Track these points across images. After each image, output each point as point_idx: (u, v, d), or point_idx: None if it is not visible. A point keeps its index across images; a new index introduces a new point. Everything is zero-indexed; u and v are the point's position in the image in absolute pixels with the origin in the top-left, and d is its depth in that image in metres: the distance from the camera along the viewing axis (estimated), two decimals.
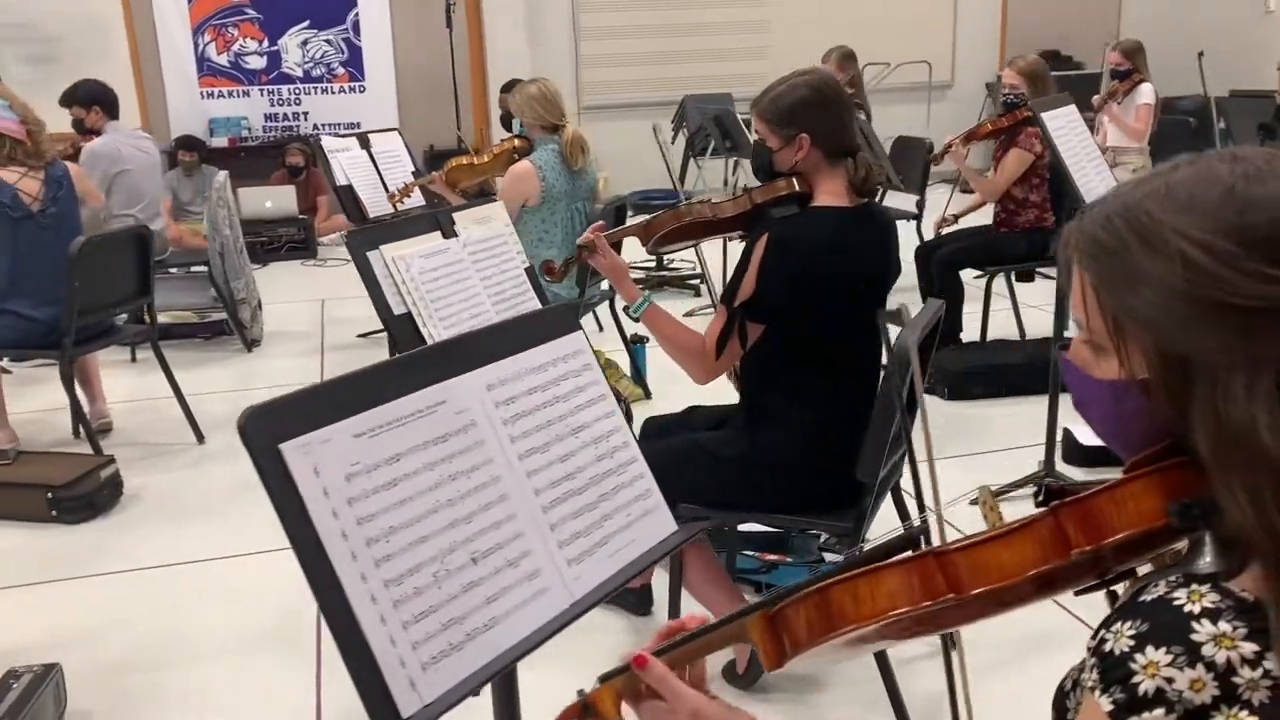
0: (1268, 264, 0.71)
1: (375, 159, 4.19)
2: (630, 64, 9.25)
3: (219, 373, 4.80)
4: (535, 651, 1.07)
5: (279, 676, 2.46)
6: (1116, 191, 0.81)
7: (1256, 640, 0.70)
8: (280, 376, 4.61)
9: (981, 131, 4.12)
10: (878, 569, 0.85)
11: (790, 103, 2.09)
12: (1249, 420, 0.70)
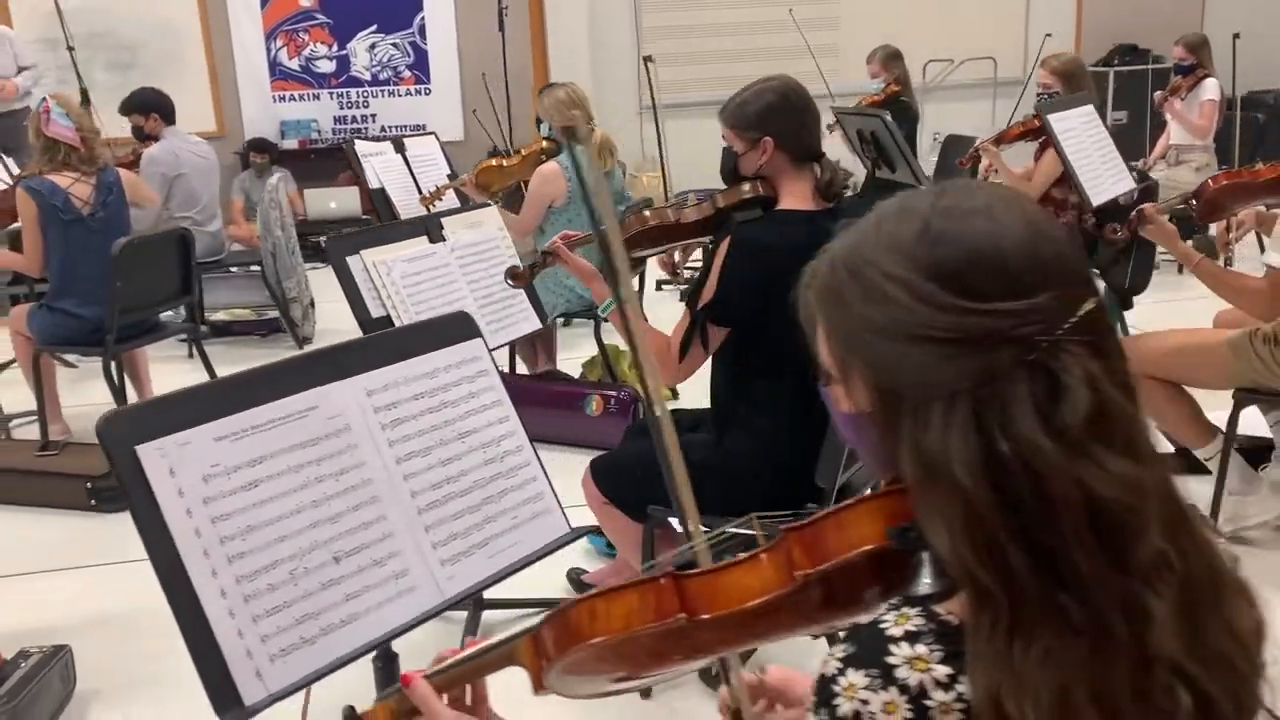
0: (959, 296, 0.71)
1: (410, 163, 4.30)
2: (692, 63, 9.26)
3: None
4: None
5: None
6: (850, 229, 0.83)
7: (951, 664, 0.71)
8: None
9: (1011, 133, 4.05)
10: (619, 588, 0.87)
11: (755, 108, 2.10)
12: (943, 451, 0.71)
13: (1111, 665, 0.68)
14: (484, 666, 0.94)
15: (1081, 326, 0.72)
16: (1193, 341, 2.89)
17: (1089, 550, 0.68)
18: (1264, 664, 0.80)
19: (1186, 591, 0.72)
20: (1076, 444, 0.69)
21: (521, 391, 3.93)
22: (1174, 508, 0.74)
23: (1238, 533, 2.91)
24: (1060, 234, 0.76)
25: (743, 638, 0.88)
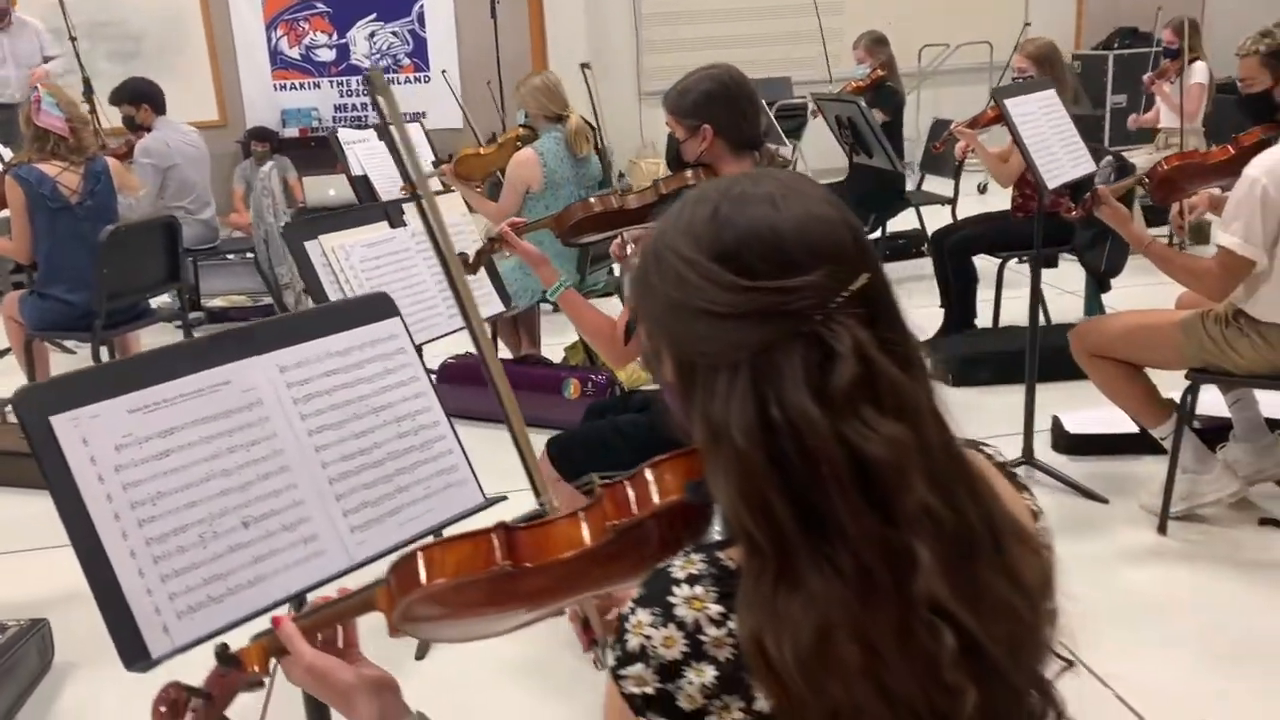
0: (738, 275, 0.78)
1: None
2: (692, 49, 9.27)
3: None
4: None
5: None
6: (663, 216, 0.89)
7: (724, 603, 0.77)
8: None
9: (984, 118, 4.09)
10: (455, 538, 0.94)
11: (695, 96, 2.16)
12: (724, 416, 0.77)
13: (874, 608, 0.74)
14: (347, 611, 1.02)
15: (854, 301, 0.78)
16: (1146, 322, 2.93)
17: (854, 504, 0.75)
18: (1052, 610, 0.87)
19: (958, 542, 0.78)
20: (844, 407, 0.75)
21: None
22: (949, 464, 0.80)
23: (1192, 510, 2.96)
24: (840, 218, 0.82)
25: (572, 585, 0.95)
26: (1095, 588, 2.69)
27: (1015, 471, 0.97)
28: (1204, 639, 2.44)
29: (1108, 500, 3.13)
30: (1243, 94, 2.72)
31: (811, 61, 8.75)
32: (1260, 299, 2.68)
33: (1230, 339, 2.74)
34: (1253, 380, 2.80)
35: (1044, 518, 0.96)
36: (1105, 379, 2.98)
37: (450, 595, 0.93)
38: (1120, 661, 2.37)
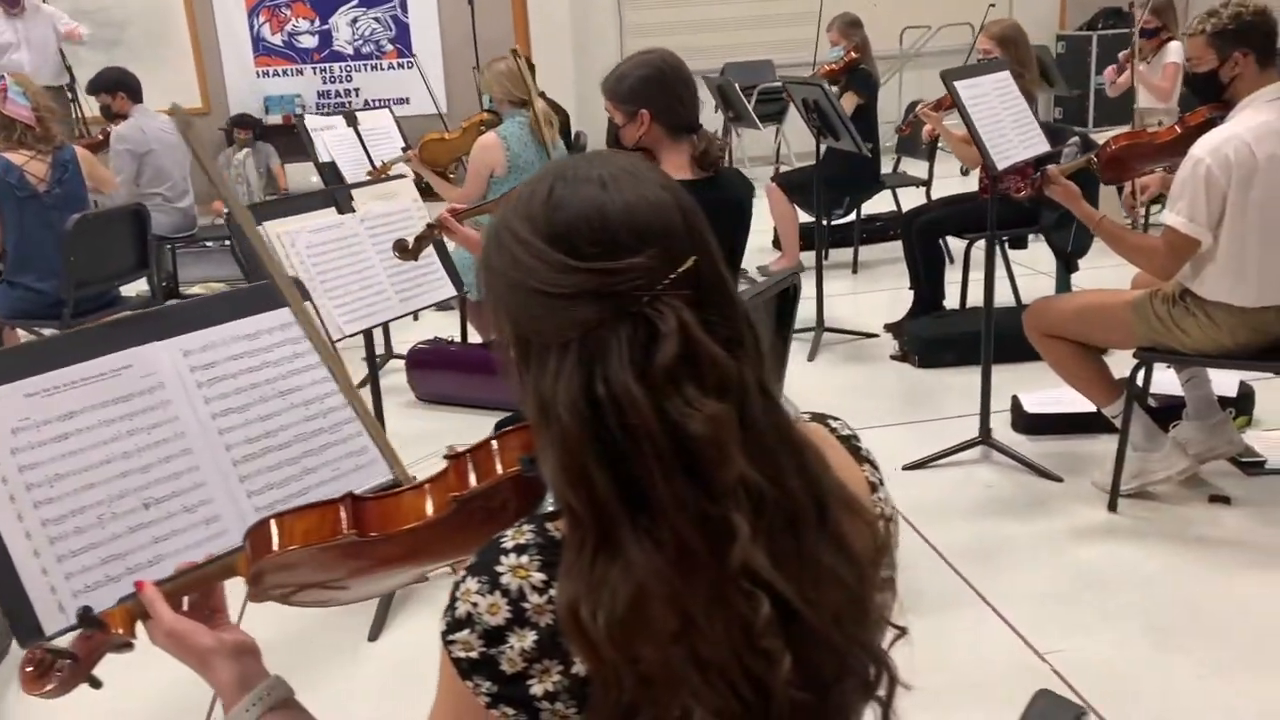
0: (567, 255, 0.80)
1: (363, 136, 4.38)
2: (676, 32, 9.26)
3: None
4: None
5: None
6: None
7: (547, 571, 0.80)
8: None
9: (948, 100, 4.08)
10: (306, 506, 0.97)
11: (631, 82, 2.18)
12: (552, 393, 0.80)
13: (691, 578, 0.77)
14: (208, 576, 1.05)
15: (681, 282, 0.80)
16: (1096, 302, 2.96)
17: (673, 479, 0.77)
18: (882, 579, 0.90)
19: (780, 513, 0.80)
20: (666, 385, 0.78)
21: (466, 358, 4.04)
22: (774, 439, 0.82)
23: (1144, 488, 2.99)
24: (673, 201, 0.84)
25: (421, 553, 0.98)
26: (1043, 565, 2.72)
27: (859, 445, 0.99)
28: (1146, 615, 2.47)
29: (1062, 479, 3.16)
30: (1190, 73, 2.73)
31: (795, 44, 8.73)
32: (1206, 278, 2.70)
33: (1178, 318, 2.76)
34: (1201, 359, 2.83)
35: (884, 489, 0.98)
36: (1057, 358, 3.00)
37: (300, 561, 0.96)
38: (1061, 638, 2.41)
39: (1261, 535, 2.80)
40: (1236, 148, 2.54)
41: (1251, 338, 2.71)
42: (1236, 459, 3.15)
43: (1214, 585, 2.58)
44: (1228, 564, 2.67)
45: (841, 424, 1.00)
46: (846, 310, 5.08)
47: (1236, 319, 2.69)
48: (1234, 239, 2.61)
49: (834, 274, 5.83)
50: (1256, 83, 2.63)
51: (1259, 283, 2.64)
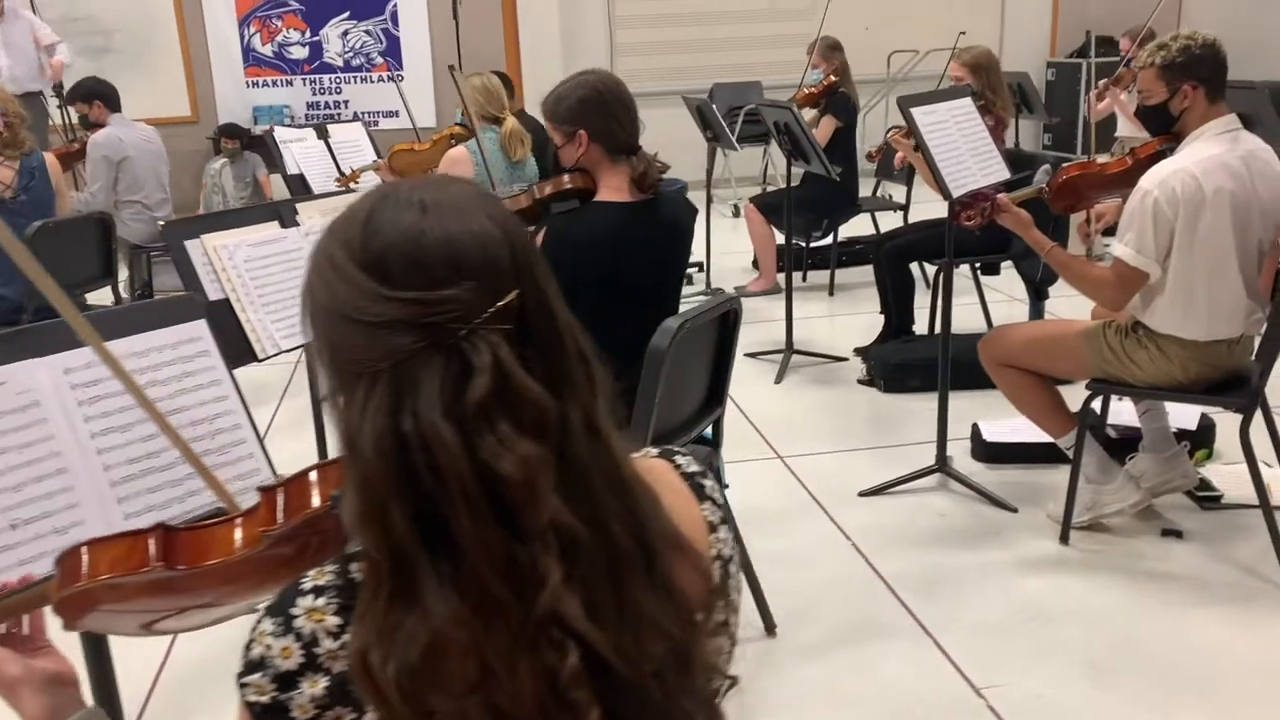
0: (381, 283, 0.77)
1: (333, 149, 4.37)
2: (666, 52, 9.29)
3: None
4: None
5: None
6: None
7: (343, 615, 0.78)
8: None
9: None
10: (114, 536, 0.95)
11: (569, 103, 2.17)
12: (359, 426, 0.76)
13: (493, 623, 0.74)
14: (22, 603, 1.02)
15: (501, 317, 0.77)
16: (1049, 332, 2.94)
17: (480, 521, 0.74)
18: (716, 624, 0.87)
19: (598, 558, 0.78)
20: (479, 423, 0.75)
21: None
22: (598, 481, 0.80)
23: (1097, 520, 2.97)
24: (499, 233, 0.80)
25: (237, 586, 0.96)
26: (988, 597, 2.70)
27: (703, 482, 0.96)
28: (1086, 650, 2.44)
29: (1017, 509, 3.13)
30: (1141, 106, 2.72)
31: (785, 66, 8.74)
32: (1156, 310, 2.69)
33: (1129, 350, 2.74)
34: (1152, 392, 2.81)
35: (726, 528, 0.95)
36: (1011, 388, 2.99)
37: (109, 591, 0.93)
38: (998, 672, 2.39)
39: (1211, 571, 2.77)
40: (1184, 181, 2.53)
41: (1203, 371, 2.70)
42: (1193, 493, 3.13)
43: (1158, 622, 2.55)
44: (1174, 600, 2.64)
45: (689, 460, 0.97)
46: (822, 332, 5.07)
47: (1188, 352, 2.67)
48: (1182, 272, 2.60)
49: (812, 296, 5.83)
50: (1206, 115, 2.62)
51: (1208, 316, 2.63)
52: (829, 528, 3.11)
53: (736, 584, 0.94)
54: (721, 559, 0.92)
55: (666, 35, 9.24)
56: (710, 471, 0.97)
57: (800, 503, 3.29)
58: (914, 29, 8.95)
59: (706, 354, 2.35)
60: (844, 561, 2.91)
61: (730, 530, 0.95)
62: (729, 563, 0.93)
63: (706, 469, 0.97)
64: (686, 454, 0.98)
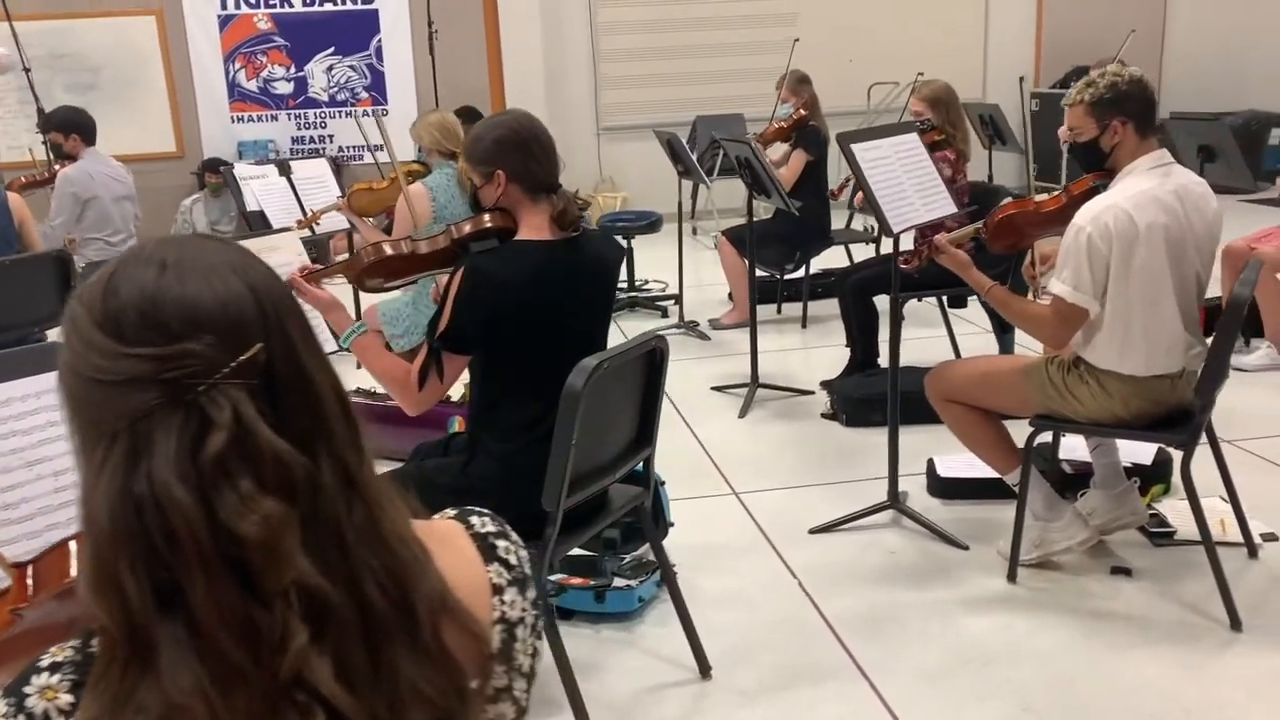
0: (116, 341, 0.75)
1: (296, 185, 4.38)
2: (650, 85, 9.34)
3: None
4: None
5: None
6: None
7: (76, 693, 0.75)
8: None
9: None
10: None
11: (486, 144, 2.17)
12: (94, 489, 0.74)
13: (233, 690, 0.72)
14: None
15: (243, 372, 0.76)
16: (994, 368, 2.92)
17: (215, 583, 0.72)
18: (496, 689, 0.85)
19: (351, 621, 0.76)
20: (218, 482, 0.73)
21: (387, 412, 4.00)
22: (359, 539, 0.78)
23: (1046, 558, 2.93)
24: (241, 287, 0.78)
25: (10, 668, 0.93)
26: (931, 637, 2.66)
27: (495, 544, 0.94)
28: (1022, 693, 2.40)
29: (967, 546, 3.10)
30: (1073, 143, 2.71)
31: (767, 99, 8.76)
32: (1096, 346, 2.67)
33: (1071, 385, 2.72)
34: (1095, 428, 2.78)
35: (516, 590, 0.92)
36: (956, 424, 2.96)
37: None
38: (933, 715, 2.35)
39: (1157, 609, 2.74)
40: (1116, 216, 2.52)
41: (1144, 407, 2.67)
42: (1146, 529, 3.09)
43: (1098, 662, 2.51)
44: (1117, 640, 2.60)
45: (485, 520, 0.95)
46: (794, 365, 5.04)
47: (1128, 388, 2.65)
48: (1119, 307, 2.58)
49: (786, 329, 5.82)
50: (1137, 151, 2.61)
51: (1146, 351, 2.61)
52: (777, 566, 3.08)
53: (528, 648, 0.91)
54: (506, 622, 0.90)
55: (650, 69, 9.29)
56: (506, 534, 0.95)
57: (750, 540, 3.25)
58: (898, 62, 8.98)
59: (632, 393, 2.33)
60: (788, 601, 2.88)
61: (525, 592, 0.92)
62: (516, 626, 0.91)
63: (504, 530, 0.95)
64: (485, 514, 0.96)
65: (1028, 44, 9.90)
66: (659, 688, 2.50)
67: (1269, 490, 3.36)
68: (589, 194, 9.48)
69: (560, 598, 2.81)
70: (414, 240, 2.26)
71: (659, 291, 6.49)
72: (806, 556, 3.12)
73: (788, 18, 9.42)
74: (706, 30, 9.27)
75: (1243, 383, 4.47)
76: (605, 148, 9.45)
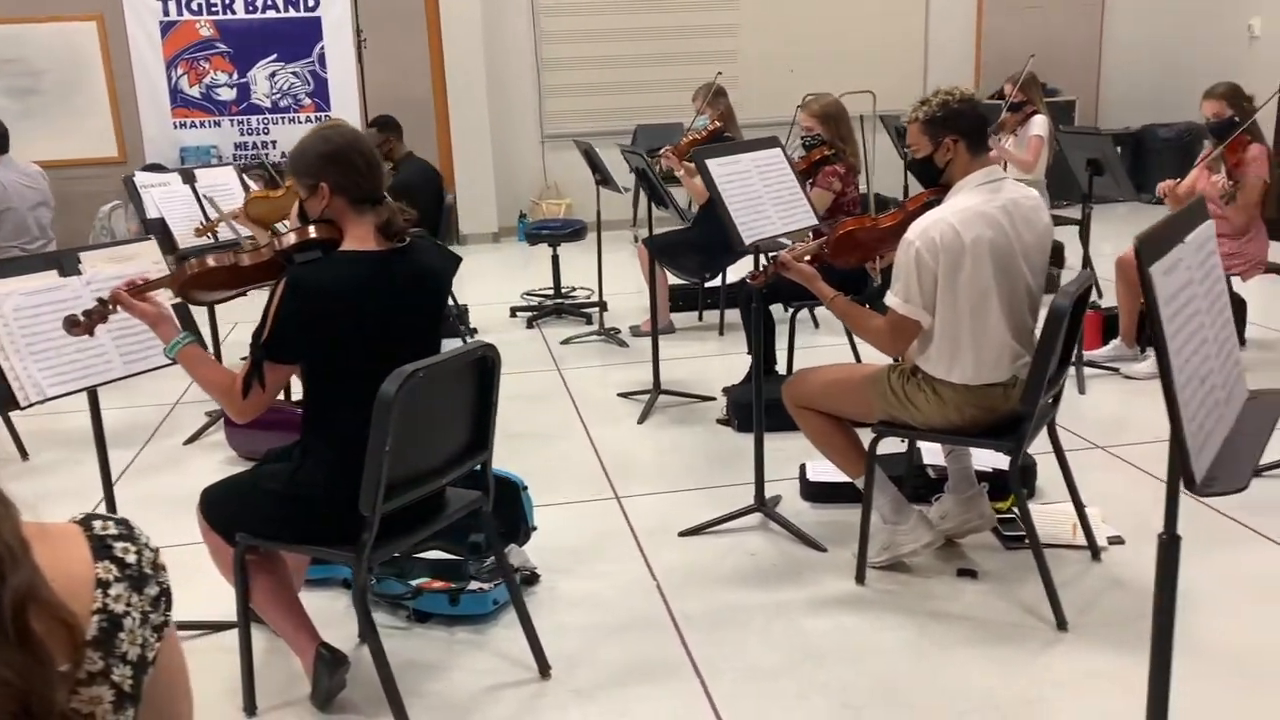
0: None
1: (199, 193, 4.43)
2: (593, 94, 9.42)
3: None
4: None
5: None
6: None
7: None
8: (164, 394, 4.85)
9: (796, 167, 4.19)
10: None
11: (309, 157, 2.23)
12: None
13: None
14: None
15: None
16: (842, 376, 3.01)
17: None
18: (92, 673, 0.91)
19: None
20: None
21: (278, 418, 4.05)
22: None
23: (895, 560, 3.02)
24: None
25: None
26: (771, 637, 2.74)
27: (112, 544, 1.00)
28: (846, 691, 2.48)
29: (826, 549, 3.19)
30: (910, 159, 2.81)
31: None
32: (929, 356, 2.76)
33: (910, 393, 2.81)
34: (931, 434, 2.87)
35: (120, 585, 0.99)
36: (810, 430, 3.05)
37: None
38: (755, 715, 2.42)
39: (993, 610, 2.83)
40: (943, 231, 2.61)
41: (977, 415, 2.76)
42: (999, 532, 3.19)
43: (924, 662, 2.60)
44: (948, 640, 2.69)
45: (109, 524, 1.01)
46: (705, 371, 5.11)
47: (961, 396, 2.74)
48: (947, 319, 2.68)
49: (705, 336, 5.91)
50: (969, 167, 2.71)
51: (975, 361, 2.70)
52: (640, 568, 3.15)
53: (137, 639, 0.98)
54: (109, 613, 0.96)
55: (593, 78, 9.37)
56: (132, 537, 1.00)
57: (620, 543, 3.33)
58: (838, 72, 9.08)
59: (463, 400, 2.40)
60: (643, 602, 2.95)
61: (141, 589, 0.98)
62: (123, 618, 0.97)
63: (131, 534, 1.01)
64: (112, 519, 1.02)
65: (968, 56, 10.04)
66: (498, 688, 2.57)
67: (1134, 496, 3.46)
68: (533, 201, 9.57)
69: (416, 601, 2.88)
70: (237, 252, 2.31)
71: (584, 299, 6.57)
72: (671, 559, 3.20)
73: (729, 28, 9.55)
74: (649, 40, 9.36)
75: (1133, 391, 4.60)
76: (549, 156, 9.53)
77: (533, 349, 5.77)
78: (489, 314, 6.53)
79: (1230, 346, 1.59)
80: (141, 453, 4.36)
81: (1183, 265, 1.44)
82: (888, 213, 2.92)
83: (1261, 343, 5.22)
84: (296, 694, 2.51)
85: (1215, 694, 2.43)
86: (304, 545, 2.33)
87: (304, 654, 2.41)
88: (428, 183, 5.57)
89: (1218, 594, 2.85)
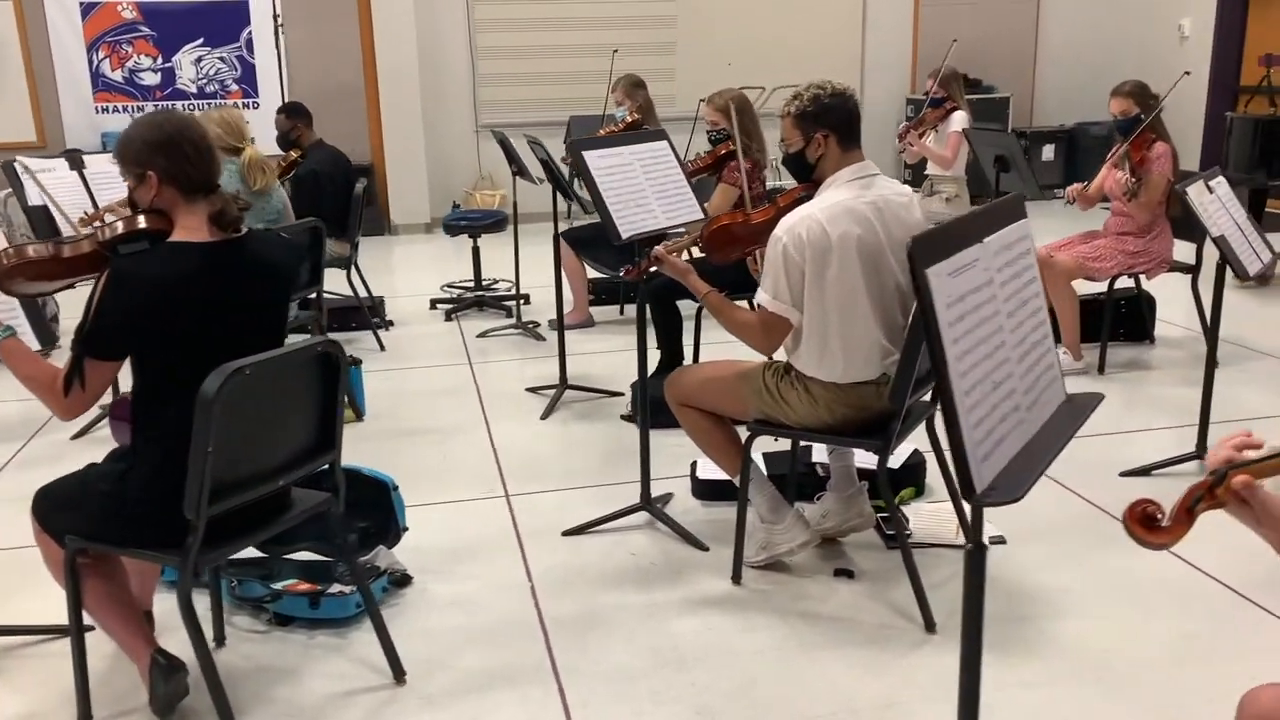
0: None
1: (88, 180, 4.29)
2: (527, 84, 9.32)
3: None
4: None
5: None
6: None
7: None
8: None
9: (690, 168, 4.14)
10: None
11: (136, 145, 2.14)
12: None
13: None
14: None
15: None
16: (717, 373, 2.96)
17: None
18: None
19: None
20: None
21: None
22: None
23: (772, 560, 2.98)
24: None
25: None
26: (637, 638, 2.68)
27: None
28: (703, 694, 2.44)
29: (708, 548, 3.14)
30: (784, 154, 2.76)
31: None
32: (800, 354, 2.72)
33: (783, 391, 2.77)
34: (804, 432, 2.83)
35: None
36: (690, 427, 3.00)
37: None
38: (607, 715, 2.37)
39: (865, 610, 2.79)
40: (809, 227, 2.57)
41: (848, 414, 2.72)
42: (882, 531, 3.16)
43: (787, 664, 2.56)
44: (815, 641, 2.65)
45: None
46: (618, 366, 5.04)
47: (831, 394, 2.70)
48: (815, 316, 2.63)
49: (626, 330, 5.85)
50: (839, 163, 2.67)
51: (844, 359, 2.66)
52: (517, 569, 3.09)
53: None
54: None
55: (527, 68, 9.27)
56: None
57: (501, 543, 3.26)
58: (775, 66, 9.08)
59: (305, 399, 2.31)
60: (514, 604, 2.89)
61: None
62: None
63: None
64: None
65: (905, 51, 10.06)
66: (349, 694, 2.49)
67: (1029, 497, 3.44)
68: (467, 191, 9.45)
69: (277, 604, 2.79)
70: (58, 243, 2.21)
71: (506, 291, 6.48)
72: (551, 559, 3.14)
73: (666, 20, 9.49)
74: (585, 30, 9.27)
75: None
76: (484, 145, 9.40)
77: (448, 342, 5.69)
78: (410, 306, 6.43)
79: (1041, 350, 1.55)
80: (26, 446, 4.23)
81: (978, 266, 1.40)
82: (760, 208, 2.87)
83: (1170, 340, 5.25)
84: (136, 702, 2.41)
85: (1069, 697, 2.41)
86: (132, 549, 2.24)
87: (139, 660, 2.32)
88: (337, 170, 5.45)
89: (1087, 596, 2.84)
